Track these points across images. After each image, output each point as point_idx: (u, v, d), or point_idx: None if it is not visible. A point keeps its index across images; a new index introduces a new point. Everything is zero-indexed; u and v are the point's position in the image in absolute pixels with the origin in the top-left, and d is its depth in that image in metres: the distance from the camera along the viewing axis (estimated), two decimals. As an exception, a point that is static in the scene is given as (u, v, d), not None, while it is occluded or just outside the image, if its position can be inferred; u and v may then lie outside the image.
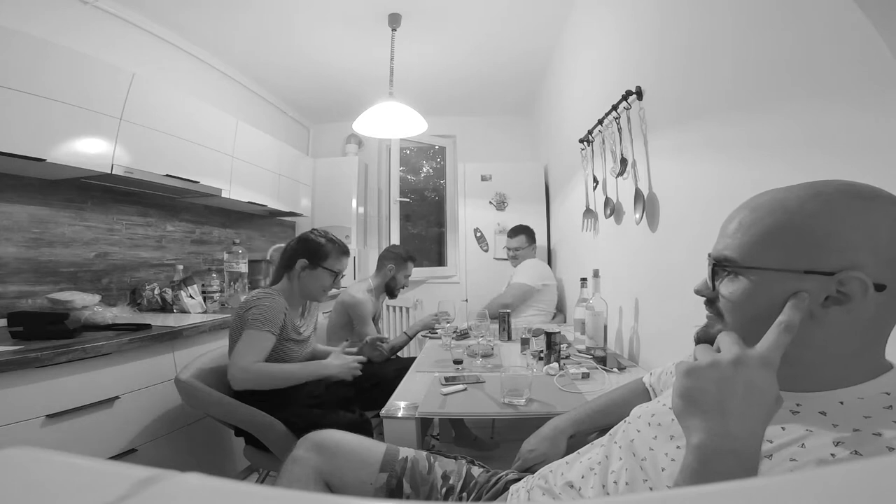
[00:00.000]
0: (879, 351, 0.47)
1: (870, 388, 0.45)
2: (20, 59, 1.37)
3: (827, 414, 0.45)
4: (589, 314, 1.58)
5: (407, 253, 2.17)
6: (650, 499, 0.22)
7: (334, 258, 1.46)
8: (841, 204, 0.45)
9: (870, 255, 0.43)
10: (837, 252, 0.44)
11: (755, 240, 0.48)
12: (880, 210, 0.44)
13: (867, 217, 0.44)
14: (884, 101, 0.61)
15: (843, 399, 0.45)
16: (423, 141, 3.74)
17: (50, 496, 0.18)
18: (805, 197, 0.47)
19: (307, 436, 0.92)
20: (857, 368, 0.46)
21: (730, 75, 0.97)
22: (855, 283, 0.43)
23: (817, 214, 0.45)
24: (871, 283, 0.42)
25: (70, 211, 1.83)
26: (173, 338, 1.55)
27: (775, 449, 0.45)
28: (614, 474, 0.63)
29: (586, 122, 1.94)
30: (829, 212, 0.45)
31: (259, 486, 0.18)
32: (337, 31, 2.41)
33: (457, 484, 0.87)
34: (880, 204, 0.45)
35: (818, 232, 0.45)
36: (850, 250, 0.43)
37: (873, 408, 0.43)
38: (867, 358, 0.47)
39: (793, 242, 0.46)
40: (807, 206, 0.46)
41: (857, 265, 0.43)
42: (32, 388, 1.14)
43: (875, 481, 0.17)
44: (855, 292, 0.43)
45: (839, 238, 0.44)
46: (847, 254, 0.43)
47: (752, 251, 0.48)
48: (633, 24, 1.52)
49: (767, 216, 0.48)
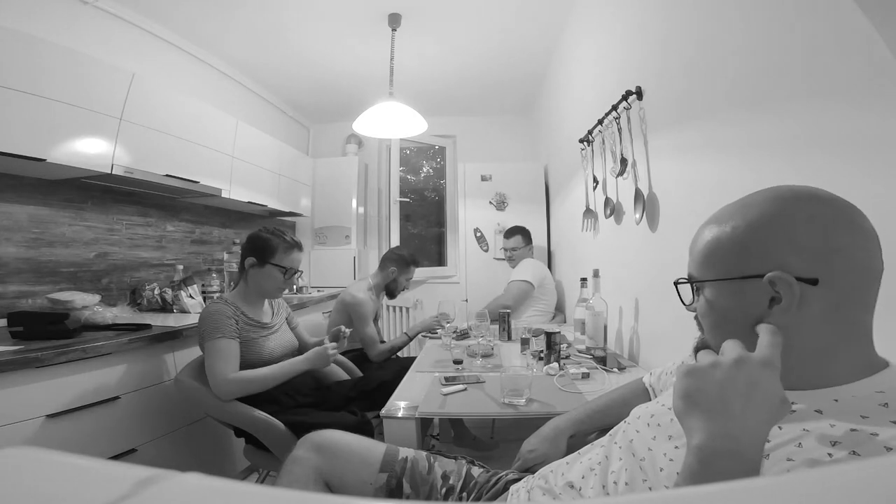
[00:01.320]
0: (865, 346, 0.48)
1: (864, 387, 0.45)
2: (20, 59, 1.37)
3: (823, 413, 0.45)
4: (589, 314, 1.58)
5: (411, 257, 2.18)
6: (650, 499, 0.22)
7: (282, 254, 1.42)
8: (763, 209, 0.48)
9: (792, 254, 0.46)
10: (762, 256, 0.47)
11: (702, 257, 0.54)
12: (796, 209, 0.47)
13: (784, 218, 0.47)
14: (884, 101, 0.61)
15: (837, 397, 0.46)
16: (423, 141, 3.74)
17: (50, 496, 0.18)
18: (734, 209, 0.52)
19: (307, 436, 0.92)
20: (845, 365, 0.47)
21: (730, 75, 0.97)
22: (780, 282, 0.45)
23: (744, 224, 0.49)
24: (793, 279, 0.45)
25: (70, 211, 1.83)
26: (173, 338, 1.55)
27: (772, 448, 0.45)
28: (614, 474, 0.64)
29: (586, 122, 1.94)
30: (753, 218, 0.49)
31: (259, 486, 0.18)
32: (337, 31, 2.41)
33: (457, 484, 0.87)
34: (798, 203, 0.47)
35: (746, 240, 0.49)
36: (772, 252, 0.46)
37: (869, 407, 0.43)
38: (851, 354, 0.47)
39: (728, 253, 0.50)
40: (735, 218, 0.51)
41: (782, 265, 0.46)
42: (32, 388, 1.14)
43: (874, 481, 0.17)
44: (784, 290, 0.45)
45: (762, 242, 0.47)
46: (773, 256, 0.46)
47: (702, 267, 0.54)
48: (633, 24, 1.52)
49: (707, 232, 0.53)
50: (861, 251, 0.46)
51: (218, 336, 1.28)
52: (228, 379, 1.25)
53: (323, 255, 3.40)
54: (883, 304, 0.48)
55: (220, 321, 1.30)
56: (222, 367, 1.25)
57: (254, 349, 1.36)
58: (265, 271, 1.41)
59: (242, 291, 1.44)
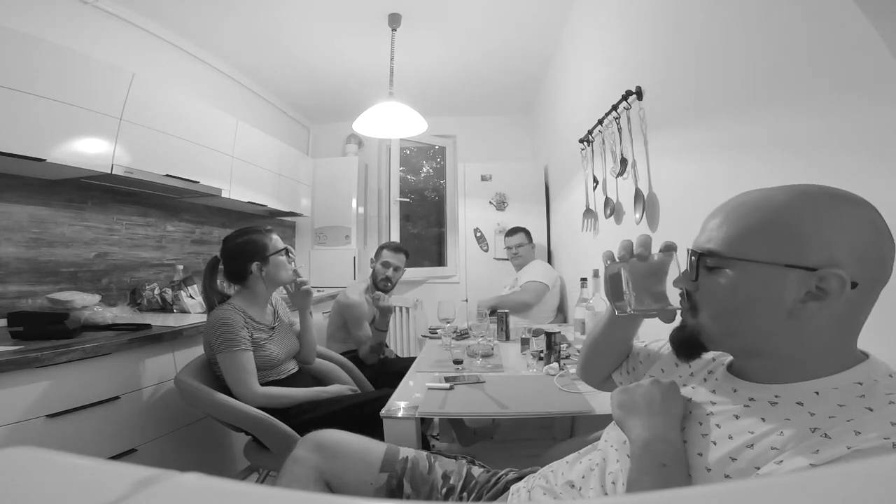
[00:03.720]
0: (852, 343, 0.50)
1: (844, 379, 0.47)
2: (21, 60, 1.37)
3: (804, 404, 0.47)
4: (589, 314, 1.58)
5: (385, 243, 2.17)
6: (650, 499, 0.22)
7: (270, 243, 1.45)
8: (825, 204, 0.47)
9: (848, 254, 0.45)
10: (819, 249, 0.46)
11: (741, 233, 0.50)
12: (860, 212, 0.47)
13: (848, 218, 0.46)
14: (883, 101, 0.61)
15: (818, 389, 0.47)
16: (423, 141, 3.74)
17: (50, 496, 0.18)
18: (792, 196, 0.49)
19: (307, 435, 0.92)
20: (832, 360, 0.49)
21: (730, 75, 0.97)
22: (834, 279, 0.45)
23: (803, 212, 0.47)
24: (849, 280, 0.45)
25: (70, 211, 1.83)
26: (173, 338, 1.55)
27: (757, 439, 0.47)
28: (612, 475, 0.64)
29: (586, 122, 1.94)
30: (815, 211, 0.47)
31: (259, 486, 0.18)
32: (337, 32, 2.41)
33: (457, 484, 0.87)
34: (860, 207, 0.47)
35: (803, 229, 0.47)
36: (831, 248, 0.46)
37: (847, 397, 0.45)
38: (841, 350, 0.49)
39: (778, 237, 0.48)
40: (794, 203, 0.48)
41: (837, 263, 0.45)
42: (32, 388, 1.14)
43: (874, 481, 0.17)
44: (833, 289, 0.45)
45: (822, 236, 0.46)
46: (828, 251, 0.46)
47: (736, 244, 0.50)
48: (633, 24, 1.52)
49: (754, 211, 0.50)
50: (891, 261, 0.47)
51: (237, 348, 1.29)
52: (258, 393, 1.30)
53: (323, 255, 3.40)
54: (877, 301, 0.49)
55: (236, 332, 1.31)
56: (251, 380, 1.30)
57: (259, 351, 1.37)
58: (273, 264, 1.44)
59: (246, 296, 1.44)
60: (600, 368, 0.87)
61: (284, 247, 1.49)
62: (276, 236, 1.50)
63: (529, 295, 2.42)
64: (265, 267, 1.42)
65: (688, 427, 0.56)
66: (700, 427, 0.55)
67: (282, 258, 1.46)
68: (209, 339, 1.33)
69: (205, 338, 1.37)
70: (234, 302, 1.41)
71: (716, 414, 0.54)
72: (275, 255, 1.44)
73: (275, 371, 1.41)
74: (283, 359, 1.45)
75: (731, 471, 0.48)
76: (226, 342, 1.29)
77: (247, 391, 1.29)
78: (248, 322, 1.37)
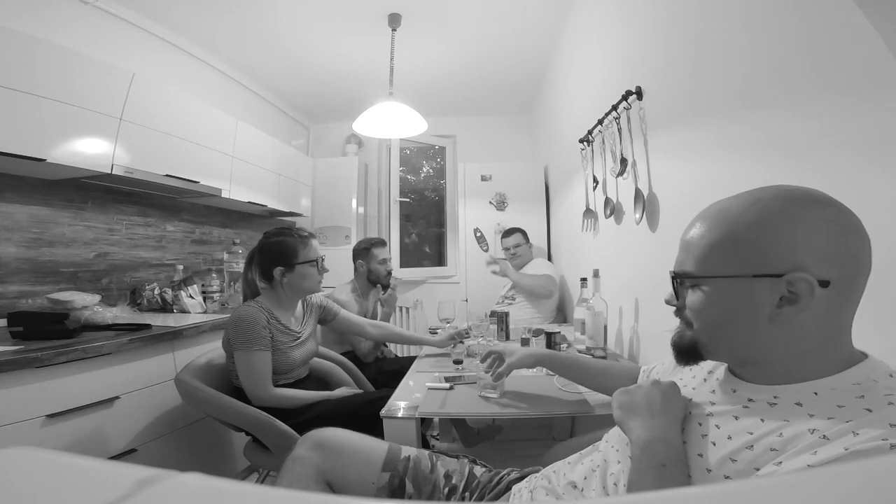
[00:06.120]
0: (846, 341, 0.50)
1: (842, 379, 0.47)
2: (21, 60, 1.37)
3: (803, 405, 0.47)
4: (589, 314, 1.58)
5: (369, 241, 2.15)
6: (650, 499, 0.22)
7: (303, 250, 1.40)
8: (779, 210, 0.48)
9: (810, 255, 0.46)
10: (781, 255, 0.47)
11: (706, 251, 0.52)
12: (814, 212, 0.48)
13: (805, 221, 0.47)
14: (883, 102, 0.61)
15: (817, 390, 0.48)
16: (423, 141, 3.74)
17: (50, 496, 0.18)
18: (745, 206, 0.51)
19: (308, 434, 0.91)
20: (828, 360, 0.49)
21: (731, 75, 0.97)
22: (802, 283, 0.46)
23: (758, 222, 0.49)
24: (815, 281, 0.46)
25: (70, 211, 1.83)
26: (173, 338, 1.55)
27: (756, 440, 0.47)
28: (613, 476, 0.64)
29: (586, 122, 1.94)
30: (769, 218, 0.48)
31: (259, 486, 0.18)
32: (337, 31, 2.41)
33: (459, 483, 0.86)
34: (814, 206, 0.48)
35: (761, 239, 0.48)
36: (792, 253, 0.47)
37: (846, 398, 0.45)
38: (835, 349, 0.49)
39: (741, 250, 0.50)
40: (747, 215, 0.50)
41: (801, 266, 0.46)
42: (32, 388, 1.14)
43: (873, 482, 0.17)
44: (803, 291, 0.46)
45: (780, 242, 0.48)
46: (790, 256, 0.47)
47: (705, 262, 0.53)
48: (633, 24, 1.52)
49: (714, 228, 0.52)
50: (866, 256, 0.47)
51: (256, 348, 1.29)
52: (271, 394, 1.30)
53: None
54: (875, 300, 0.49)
55: (257, 331, 1.30)
56: (265, 381, 1.30)
57: (278, 355, 1.35)
58: (297, 273, 1.39)
59: (274, 297, 1.41)
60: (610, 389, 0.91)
61: (317, 258, 1.43)
62: (316, 244, 1.45)
63: (538, 282, 2.40)
64: (288, 273, 1.38)
65: (688, 427, 0.57)
66: (700, 427, 0.55)
67: (310, 269, 1.41)
68: (229, 335, 1.32)
69: (225, 332, 1.34)
70: (262, 300, 1.38)
71: (715, 414, 0.55)
72: (302, 265, 1.39)
73: (286, 375, 1.40)
74: (299, 364, 1.43)
75: (731, 472, 0.48)
76: (245, 340, 1.28)
77: (260, 391, 1.28)
78: (271, 322, 1.35)
